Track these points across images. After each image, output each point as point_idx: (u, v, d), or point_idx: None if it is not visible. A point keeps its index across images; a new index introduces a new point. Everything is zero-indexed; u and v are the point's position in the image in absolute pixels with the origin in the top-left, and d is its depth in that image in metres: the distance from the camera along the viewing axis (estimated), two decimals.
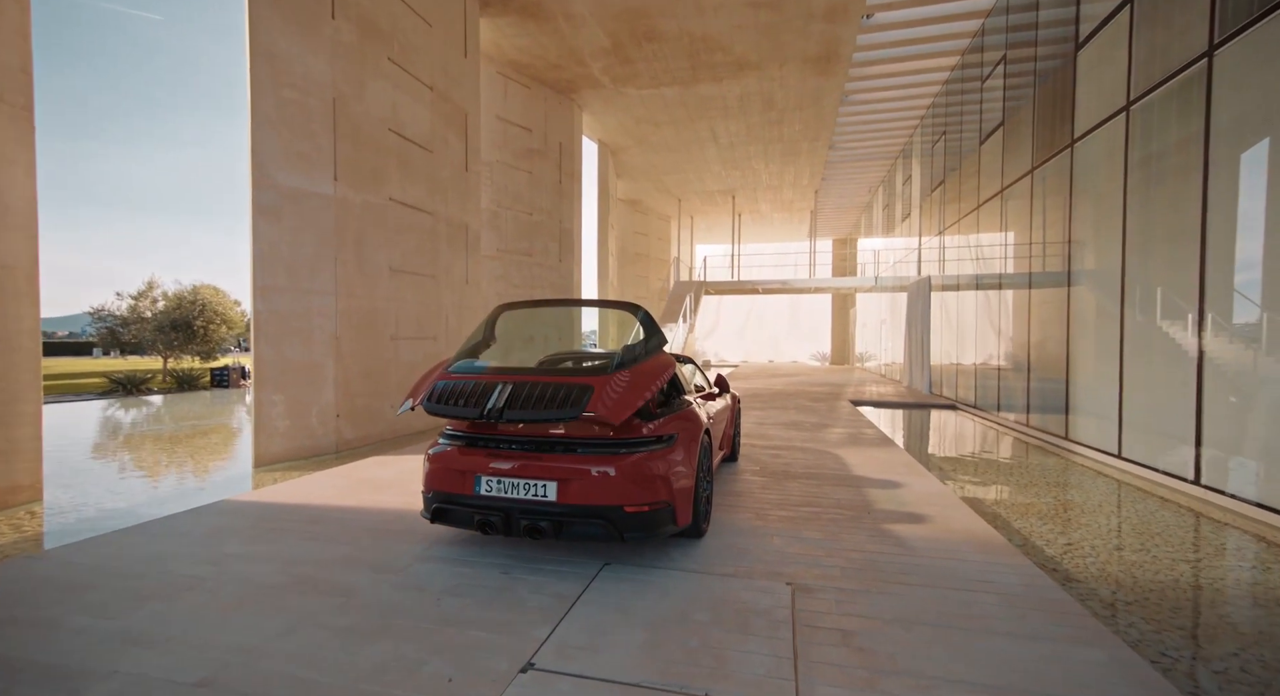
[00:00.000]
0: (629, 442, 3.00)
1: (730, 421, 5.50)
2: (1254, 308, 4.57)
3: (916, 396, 13.33)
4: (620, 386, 2.86)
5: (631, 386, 2.88)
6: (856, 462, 5.80)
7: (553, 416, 2.74)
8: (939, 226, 14.05)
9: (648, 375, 3.02)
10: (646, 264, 25.83)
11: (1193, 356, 5.12)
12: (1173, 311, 5.46)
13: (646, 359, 3.15)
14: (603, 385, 2.84)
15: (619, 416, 2.72)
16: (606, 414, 2.69)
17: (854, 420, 9.03)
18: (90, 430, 9.66)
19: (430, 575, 2.98)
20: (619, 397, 2.79)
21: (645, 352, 3.21)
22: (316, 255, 6.65)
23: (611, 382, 2.87)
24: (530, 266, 13.44)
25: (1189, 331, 5.19)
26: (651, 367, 3.10)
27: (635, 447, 2.99)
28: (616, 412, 2.71)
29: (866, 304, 25.50)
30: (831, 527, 3.77)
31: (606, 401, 2.74)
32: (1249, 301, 4.62)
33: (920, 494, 4.62)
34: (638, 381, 2.93)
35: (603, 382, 2.86)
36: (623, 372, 2.97)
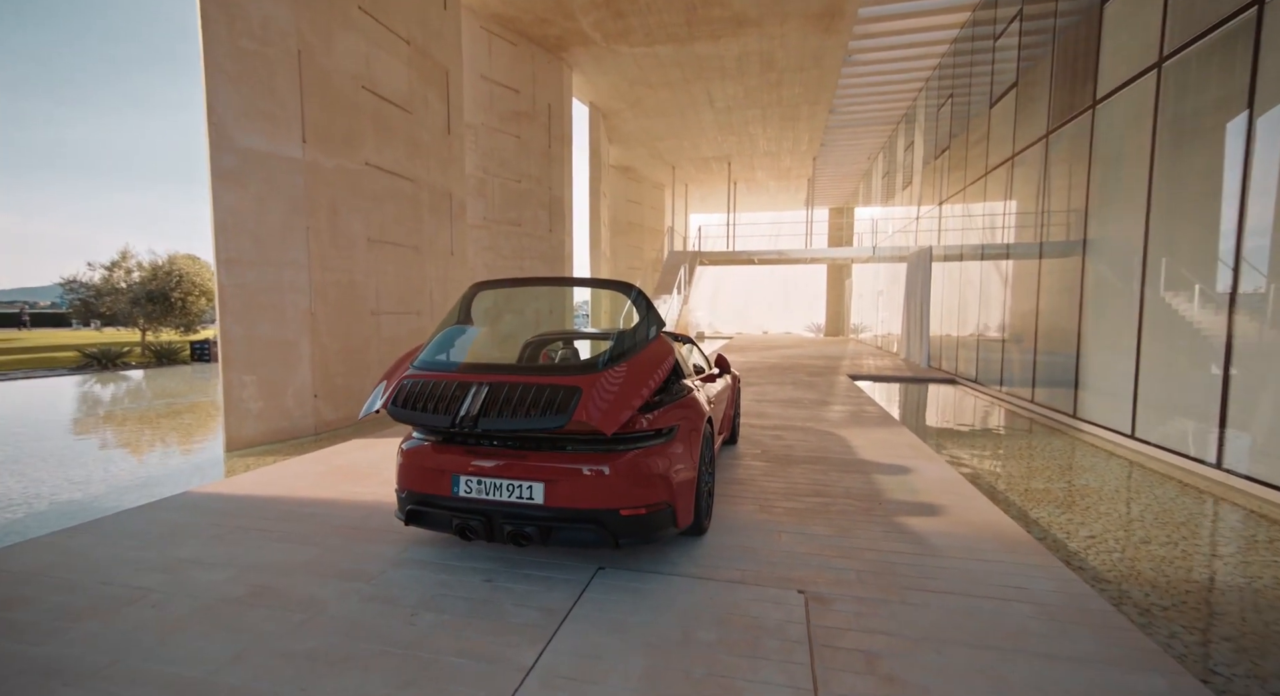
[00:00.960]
0: (624, 438, 2.68)
1: (731, 403, 5.21)
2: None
3: (915, 370, 13.13)
4: (613, 386, 2.52)
5: (626, 386, 2.54)
6: (861, 444, 5.55)
7: (535, 426, 2.40)
8: (942, 195, 13.60)
9: (644, 370, 2.67)
10: (640, 234, 25.21)
11: (1221, 332, 4.84)
12: (1200, 283, 5.15)
13: (642, 349, 2.81)
14: (592, 386, 2.50)
15: (612, 424, 2.38)
16: (598, 422, 2.36)
17: (854, 396, 8.79)
18: (56, 410, 9.26)
19: (405, 584, 2.69)
20: (612, 400, 2.45)
21: (641, 341, 2.86)
22: (286, 224, 6.18)
23: (602, 382, 2.53)
24: (519, 237, 12.92)
25: (1218, 305, 4.90)
26: (648, 360, 2.76)
27: (631, 443, 2.68)
28: (609, 419, 2.38)
29: (863, 274, 25.14)
30: (841, 521, 3.51)
31: (597, 406, 2.41)
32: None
33: (931, 480, 4.37)
34: (633, 379, 2.59)
35: (592, 383, 2.52)
36: (616, 369, 2.63)
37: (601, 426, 2.35)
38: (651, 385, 2.65)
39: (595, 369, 2.63)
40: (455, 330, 3.16)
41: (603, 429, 2.35)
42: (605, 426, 2.36)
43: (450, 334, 3.12)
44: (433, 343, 3.00)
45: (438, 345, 3.00)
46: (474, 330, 3.33)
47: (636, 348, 2.81)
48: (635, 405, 2.51)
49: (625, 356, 2.73)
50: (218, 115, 5.58)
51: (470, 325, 3.30)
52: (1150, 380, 5.71)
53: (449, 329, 3.13)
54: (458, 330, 3.17)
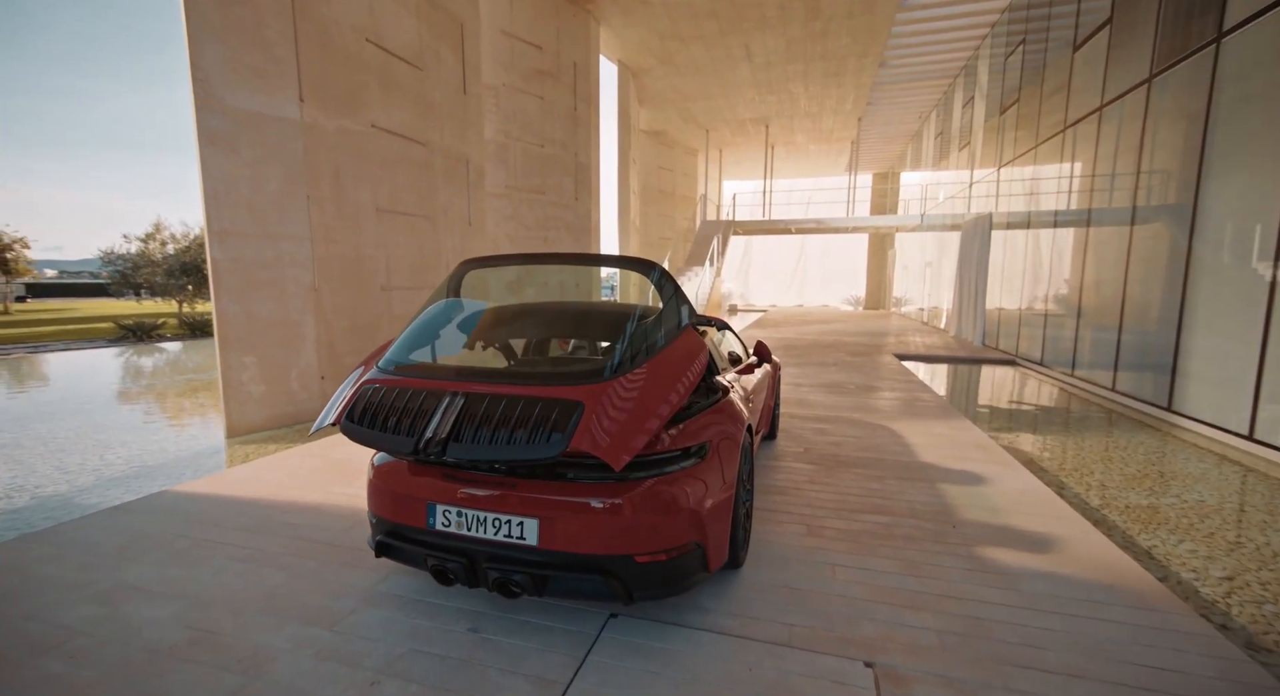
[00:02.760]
0: (643, 461, 2.08)
1: (771, 394, 4.56)
2: None
3: (967, 349, 12.11)
4: (626, 401, 1.91)
5: (644, 400, 1.93)
6: (920, 442, 4.84)
7: (518, 457, 1.82)
8: (1006, 155, 12.28)
9: (668, 377, 2.06)
10: (671, 202, 24.19)
11: None
12: None
13: (666, 347, 2.18)
14: (598, 400, 1.90)
15: (622, 454, 1.78)
16: (604, 451, 1.77)
17: (904, 380, 7.99)
18: (75, 386, 9.24)
19: (373, 631, 2.20)
20: (624, 421, 1.85)
21: (665, 336, 2.24)
22: (284, 193, 5.69)
23: (612, 395, 1.92)
24: (543, 205, 12.27)
25: None
26: (674, 363, 2.14)
27: (651, 469, 2.08)
28: (619, 448, 1.78)
29: (908, 244, 23.65)
30: (909, 551, 2.87)
31: (603, 429, 1.81)
32: None
33: (1011, 494, 3.67)
34: (653, 390, 1.98)
35: (598, 396, 1.92)
36: (631, 376, 2.01)
37: (608, 457, 1.76)
38: (676, 398, 2.03)
39: (603, 376, 2.01)
40: (438, 318, 2.58)
41: (610, 461, 1.76)
42: (613, 458, 1.76)
43: (431, 322, 2.54)
44: (407, 334, 2.42)
45: (413, 337, 2.42)
46: (466, 316, 2.76)
47: (658, 345, 2.19)
48: (654, 427, 1.90)
49: (643, 357, 2.11)
50: (202, 71, 5.06)
51: (461, 311, 2.72)
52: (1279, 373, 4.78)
53: (430, 315, 2.56)
54: (441, 318, 2.60)
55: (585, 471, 2.03)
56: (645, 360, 2.11)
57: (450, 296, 2.70)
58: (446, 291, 2.68)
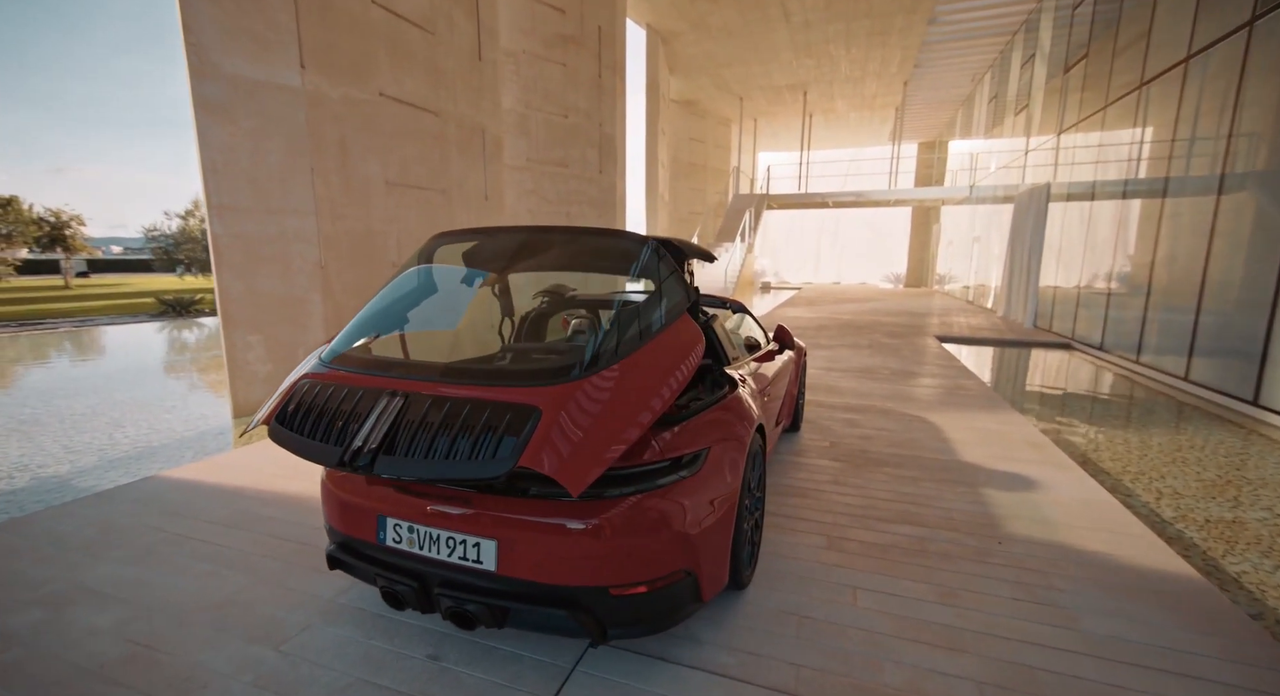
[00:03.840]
0: (623, 473, 1.75)
1: (794, 382, 4.15)
2: None
3: (1017, 331, 11.29)
4: (595, 408, 1.57)
5: (618, 406, 1.59)
6: (961, 437, 4.36)
7: (455, 474, 1.50)
8: (1069, 118, 11.19)
9: (653, 377, 1.71)
10: (703, 175, 23.40)
11: None
12: None
13: (653, 339, 1.82)
14: (559, 406, 1.55)
15: (579, 478, 1.44)
16: (558, 472, 1.43)
17: (946, 365, 7.40)
18: (105, 361, 9.46)
19: (323, 654, 1.96)
20: (589, 435, 1.51)
21: (653, 325, 1.87)
22: (287, 166, 5.47)
23: (577, 401, 1.58)
24: (565, 179, 11.86)
25: None
26: (661, 359, 1.78)
27: (635, 483, 1.74)
28: (575, 471, 1.44)
29: (955, 218, 22.34)
30: (945, 573, 2.47)
31: (561, 444, 1.47)
32: None
33: (1068, 503, 3.20)
34: (632, 394, 1.64)
35: (560, 401, 1.57)
36: (602, 376, 1.66)
37: (563, 480, 1.42)
38: (660, 403, 1.68)
39: (571, 374, 1.66)
40: (397, 301, 2.27)
41: (565, 484, 1.42)
42: (570, 480, 1.43)
43: (388, 307, 2.24)
44: (357, 319, 2.12)
45: (365, 323, 2.11)
46: (438, 297, 2.44)
47: (643, 336, 1.83)
48: (629, 440, 1.56)
49: (622, 351, 1.76)
50: (196, 36, 4.82)
51: (425, 292, 2.40)
52: None
53: (386, 299, 2.25)
54: (402, 301, 2.29)
55: (550, 486, 1.71)
56: (627, 354, 1.75)
57: (421, 275, 2.39)
58: (414, 271, 2.36)
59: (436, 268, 2.41)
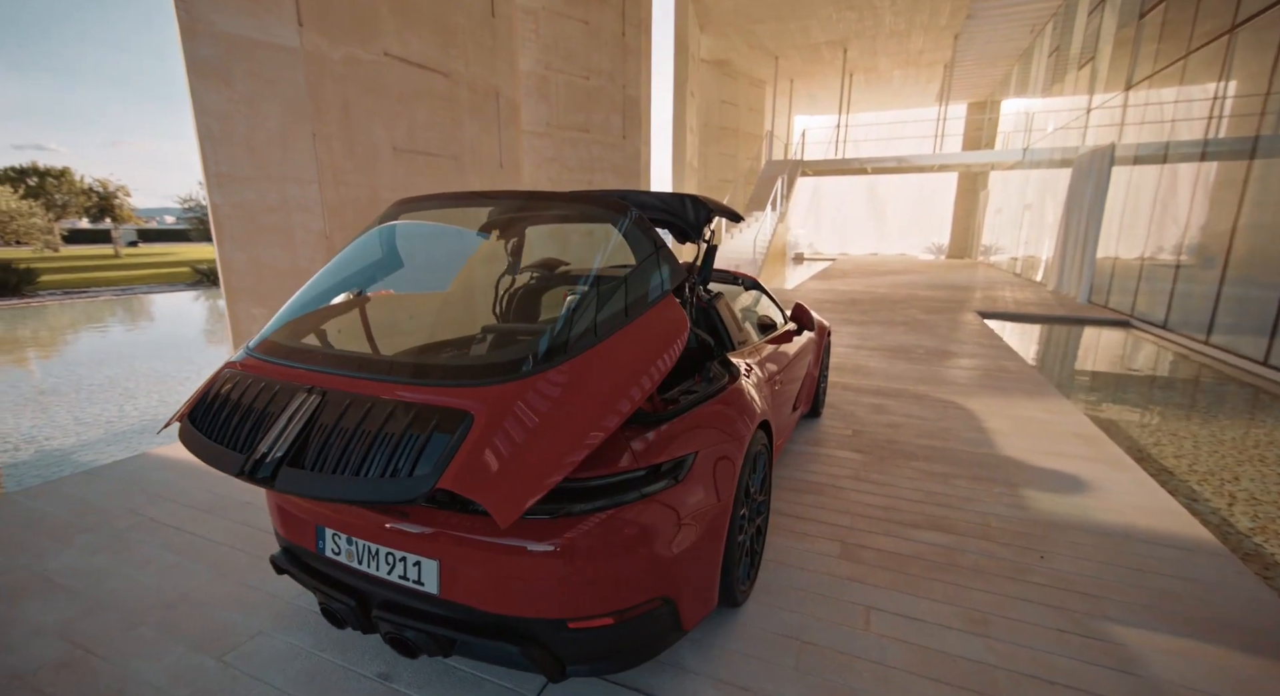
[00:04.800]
0: (591, 485, 1.48)
1: (816, 364, 3.80)
2: None
3: (1069, 306, 10.49)
4: (542, 414, 1.29)
5: (570, 413, 1.31)
6: (1002, 427, 3.95)
7: (362, 497, 1.23)
8: (1140, 71, 10.08)
9: (620, 373, 1.42)
10: (735, 140, 22.42)
11: None
12: None
13: (627, 326, 1.51)
14: (496, 412, 1.27)
15: (511, 506, 1.16)
16: (485, 496, 1.16)
17: (987, 344, 6.86)
18: (135, 330, 9.65)
19: (264, 668, 1.79)
20: (529, 450, 1.23)
21: (629, 310, 1.56)
22: (286, 131, 5.25)
23: (522, 405, 1.29)
24: (587, 145, 11.40)
25: None
26: (632, 351, 1.48)
27: (601, 497, 1.47)
28: (506, 497, 1.17)
29: (1005, 185, 20.94)
30: (975, 593, 2.15)
31: (492, 461, 1.20)
32: None
33: (1125, 507, 2.80)
34: (588, 397, 1.35)
35: (499, 405, 1.28)
36: (559, 372, 1.37)
37: (492, 507, 1.15)
38: (628, 405, 1.38)
39: (517, 371, 1.37)
40: (354, 274, 2.01)
41: (494, 512, 1.15)
42: (499, 508, 1.15)
43: (342, 281, 1.98)
44: (297, 297, 1.86)
45: (305, 301, 1.86)
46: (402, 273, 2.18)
47: (613, 323, 1.52)
48: (573, 460, 1.27)
49: (586, 342, 1.45)
50: None
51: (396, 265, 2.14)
52: None
53: (341, 270, 1.98)
54: (360, 274, 2.03)
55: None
56: (591, 345, 1.45)
57: (384, 243, 2.11)
58: (373, 240, 2.08)
59: (402, 235, 2.13)
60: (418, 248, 2.39)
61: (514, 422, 1.25)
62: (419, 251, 2.21)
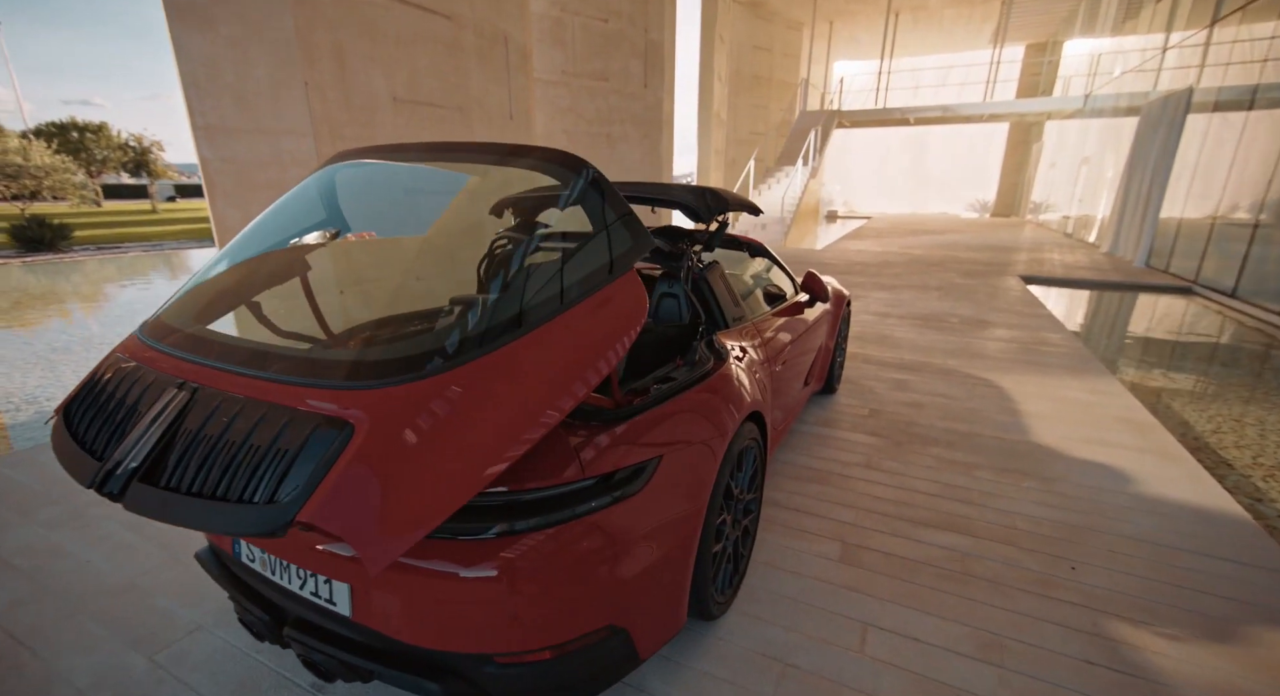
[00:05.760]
0: (525, 499, 1.24)
1: (830, 336, 3.47)
2: None
3: (1124, 271, 9.69)
4: (441, 427, 1.04)
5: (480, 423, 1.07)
6: (1038, 409, 3.57)
7: (207, 527, 0.98)
8: (1231, 2, 8.87)
9: (556, 370, 1.17)
10: (767, 89, 21.12)
11: None
12: None
13: (574, 307, 1.24)
14: (386, 423, 1.02)
15: (384, 548, 0.93)
16: (355, 535, 0.92)
17: (1028, 313, 6.34)
18: (150, 289, 9.74)
19: (193, 672, 1.66)
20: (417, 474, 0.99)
21: (578, 288, 1.27)
22: (276, 79, 4.96)
23: (416, 416, 1.04)
24: (606, 94, 10.78)
25: None
26: (574, 341, 1.22)
27: (539, 512, 1.24)
28: (383, 536, 0.94)
29: (1062, 136, 19.36)
30: (993, 609, 1.88)
31: (370, 490, 0.96)
32: None
33: (1177, 509, 2.46)
34: (508, 403, 1.11)
35: (390, 413, 1.03)
36: (469, 371, 1.10)
37: (361, 549, 0.92)
38: (556, 413, 1.13)
39: (418, 371, 1.11)
40: (282, 240, 1.76)
41: (361, 555, 0.92)
42: (370, 551, 0.92)
43: (271, 247, 1.73)
44: (214, 265, 1.62)
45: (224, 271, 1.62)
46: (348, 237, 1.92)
47: (547, 309, 1.24)
48: (472, 490, 1.02)
49: (509, 332, 1.18)
50: None
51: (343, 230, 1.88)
52: None
53: (265, 234, 1.74)
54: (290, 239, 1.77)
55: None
56: (520, 334, 1.18)
57: (325, 200, 1.84)
58: (311, 197, 1.81)
59: (342, 191, 1.86)
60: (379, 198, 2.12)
61: (405, 437, 1.01)
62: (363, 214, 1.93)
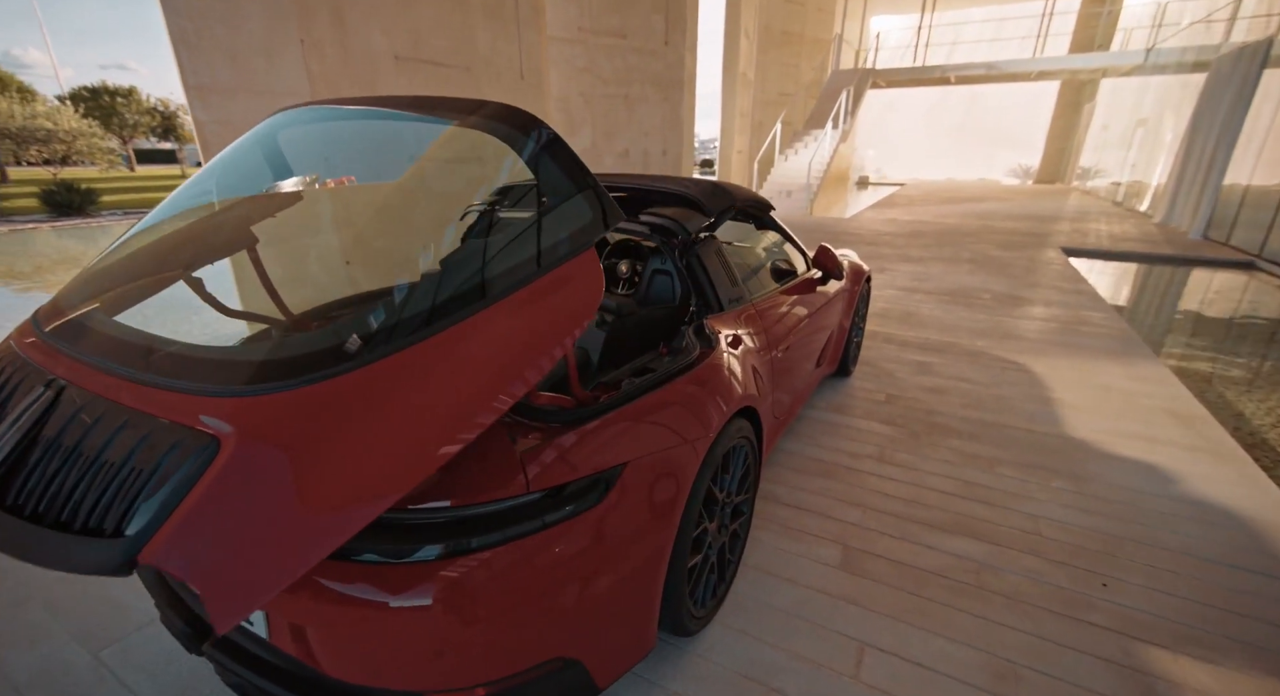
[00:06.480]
0: (463, 516, 1.08)
1: (846, 315, 3.20)
2: None
3: (1178, 243, 9.01)
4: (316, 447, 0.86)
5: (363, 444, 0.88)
6: (1074, 399, 3.27)
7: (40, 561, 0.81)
8: None
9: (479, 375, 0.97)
10: (798, 46, 19.98)
11: None
12: None
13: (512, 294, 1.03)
14: (255, 446, 0.83)
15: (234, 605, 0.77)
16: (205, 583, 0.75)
17: (1069, 289, 5.90)
18: None
19: (135, 673, 1.57)
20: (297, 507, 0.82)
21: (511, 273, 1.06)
22: (270, 36, 4.74)
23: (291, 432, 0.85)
24: (624, 53, 10.26)
25: None
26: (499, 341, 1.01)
27: (479, 531, 1.07)
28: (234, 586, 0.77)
29: (1118, 95, 17.99)
30: (1010, 638, 1.68)
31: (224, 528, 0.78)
32: None
33: (1229, 518, 2.19)
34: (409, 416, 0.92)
35: (259, 432, 0.84)
36: (362, 377, 0.90)
37: (211, 601, 0.75)
38: (466, 434, 0.94)
39: (313, 371, 0.91)
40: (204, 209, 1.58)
41: (209, 608, 0.75)
42: (219, 605, 0.76)
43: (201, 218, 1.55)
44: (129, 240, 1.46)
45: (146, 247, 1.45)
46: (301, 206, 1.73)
47: (486, 293, 1.03)
48: (363, 517, 0.85)
49: (433, 323, 0.98)
50: None
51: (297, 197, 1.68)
52: None
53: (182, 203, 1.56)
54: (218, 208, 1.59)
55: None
56: (446, 326, 0.98)
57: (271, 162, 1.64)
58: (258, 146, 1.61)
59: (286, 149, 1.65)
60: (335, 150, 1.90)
61: (281, 458, 0.83)
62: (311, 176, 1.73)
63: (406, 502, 1.05)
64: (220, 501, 0.78)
